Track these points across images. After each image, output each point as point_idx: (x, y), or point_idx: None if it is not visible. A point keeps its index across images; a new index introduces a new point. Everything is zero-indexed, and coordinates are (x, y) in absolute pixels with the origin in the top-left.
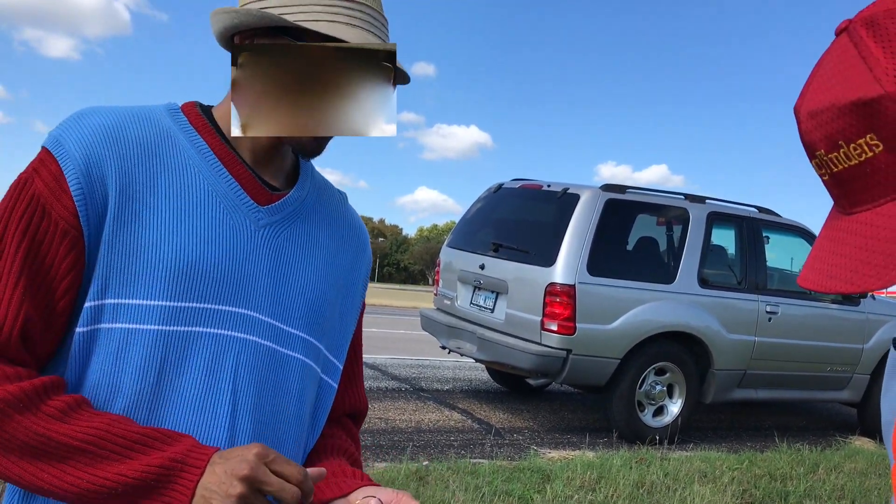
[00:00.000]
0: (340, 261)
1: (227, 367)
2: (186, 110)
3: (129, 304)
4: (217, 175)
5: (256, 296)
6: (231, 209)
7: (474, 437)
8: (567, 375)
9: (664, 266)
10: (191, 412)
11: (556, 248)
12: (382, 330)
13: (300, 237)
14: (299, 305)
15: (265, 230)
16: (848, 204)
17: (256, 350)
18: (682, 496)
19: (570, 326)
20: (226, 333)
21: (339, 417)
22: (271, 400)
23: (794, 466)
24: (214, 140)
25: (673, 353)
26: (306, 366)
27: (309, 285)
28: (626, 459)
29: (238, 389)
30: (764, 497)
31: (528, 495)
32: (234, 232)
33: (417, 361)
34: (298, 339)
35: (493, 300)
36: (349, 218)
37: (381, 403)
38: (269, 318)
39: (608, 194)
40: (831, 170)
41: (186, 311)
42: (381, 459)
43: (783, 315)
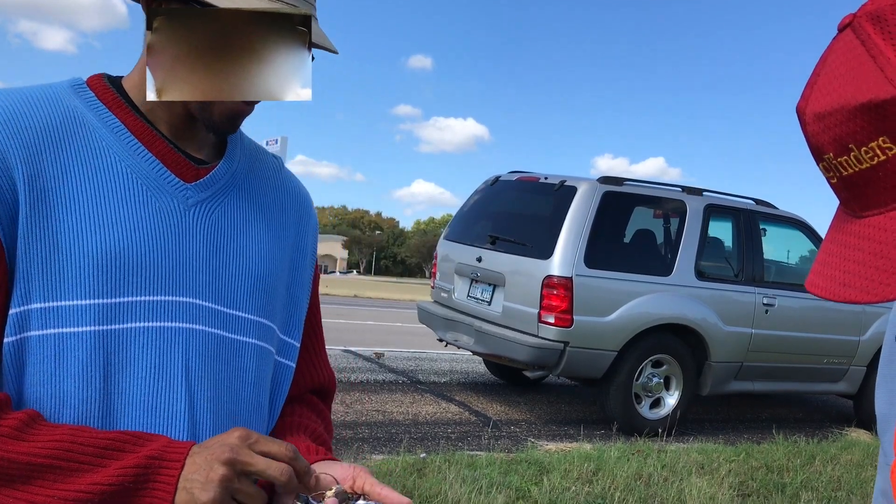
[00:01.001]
0: (284, 232)
1: (176, 361)
2: (93, 85)
3: (58, 307)
4: (135, 154)
5: (197, 281)
6: (155, 190)
7: (471, 430)
8: (564, 368)
9: (661, 258)
10: (146, 414)
11: (553, 241)
12: (379, 323)
13: (236, 212)
14: (245, 286)
15: (196, 209)
16: (859, 207)
17: (205, 340)
18: (679, 488)
19: (567, 319)
20: (170, 325)
21: (302, 395)
22: (228, 390)
23: (791, 458)
24: (128, 115)
25: (670, 345)
26: (261, 349)
27: (252, 263)
28: (623, 451)
29: (192, 384)
30: (760, 489)
31: (525, 487)
32: (162, 214)
33: (414, 354)
34: (249, 323)
35: (490, 293)
36: (288, 184)
37: (379, 395)
38: (215, 304)
39: (605, 187)
40: (840, 173)
41: (122, 307)
42: (378, 452)
43: (780, 307)
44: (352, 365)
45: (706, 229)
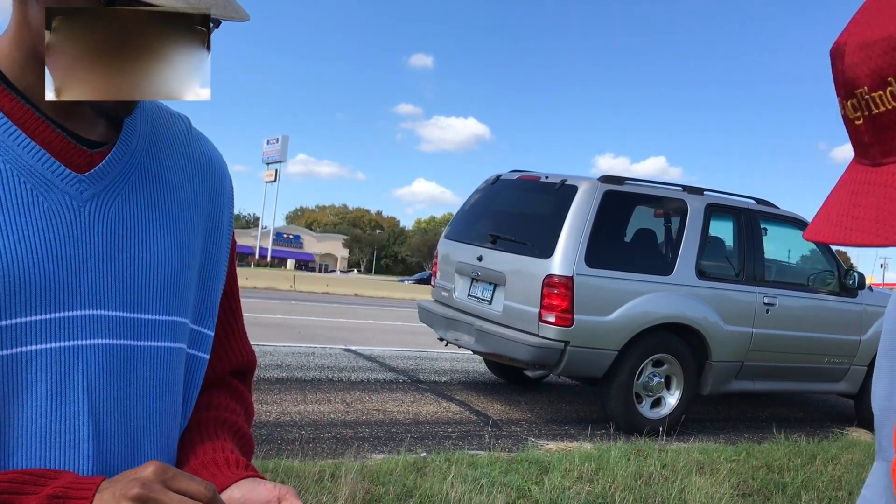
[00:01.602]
0: (197, 207)
1: (77, 383)
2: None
3: None
4: (16, 146)
5: (97, 289)
6: (43, 188)
7: (472, 429)
8: (565, 367)
9: (662, 258)
10: (45, 446)
11: (553, 240)
12: (380, 322)
13: (138, 200)
14: (153, 285)
15: (91, 204)
16: (880, 153)
17: (111, 354)
18: (680, 487)
19: (567, 318)
20: (69, 344)
21: (221, 378)
22: (139, 405)
23: (792, 458)
24: (4, 97)
25: (670, 344)
26: (174, 351)
27: (160, 257)
28: (623, 451)
29: (97, 406)
30: (761, 488)
31: (526, 487)
32: (52, 216)
33: (415, 353)
34: (159, 325)
35: (490, 292)
36: (198, 150)
37: (379, 395)
38: (119, 311)
39: (606, 186)
40: (871, 111)
41: (13, 329)
42: (378, 451)
43: (781, 307)
44: (352, 364)
45: (707, 229)
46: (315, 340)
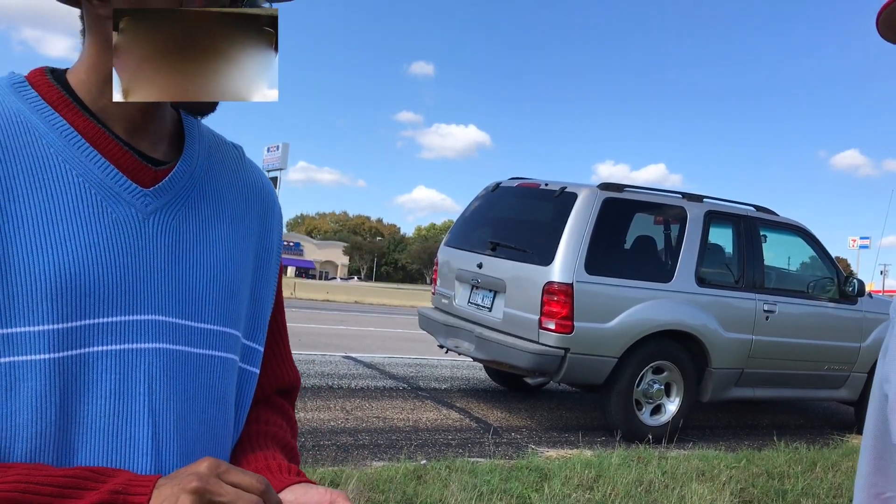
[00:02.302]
0: (248, 230)
1: (139, 384)
2: (35, 81)
3: (10, 334)
4: (87, 160)
5: (159, 296)
6: (111, 200)
7: (472, 436)
8: (565, 374)
9: (662, 265)
10: (106, 444)
11: (553, 247)
12: (380, 329)
13: (197, 216)
14: (209, 296)
15: (155, 217)
16: None
17: (170, 358)
18: (680, 494)
19: (567, 325)
20: (131, 347)
21: (268, 397)
22: (195, 410)
23: (792, 465)
24: (77, 116)
25: (670, 351)
26: (227, 361)
27: (217, 270)
28: (623, 458)
29: (156, 407)
30: (761, 495)
31: (526, 494)
32: (119, 227)
33: (415, 360)
34: (214, 335)
35: (490, 299)
36: (250, 177)
37: (379, 402)
38: (179, 319)
39: (606, 193)
40: None
41: (80, 331)
42: (378, 458)
43: (780, 314)
44: (352, 371)
45: (706, 236)
46: (315, 347)
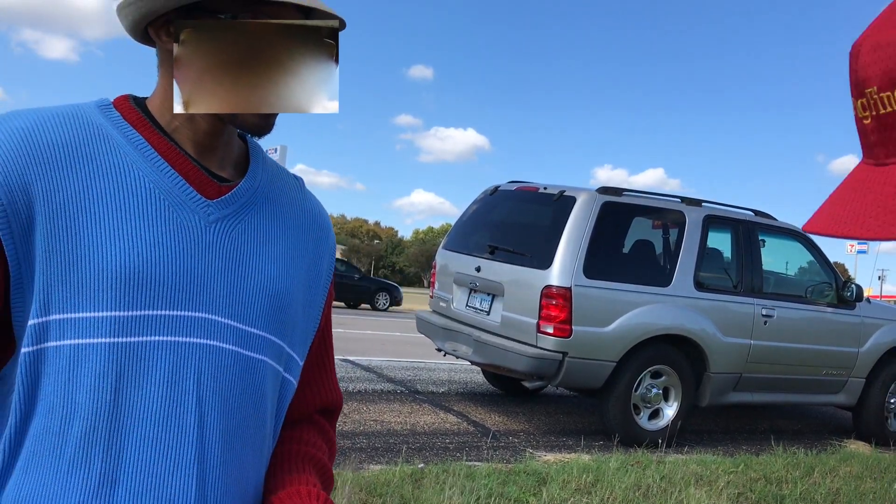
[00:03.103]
0: (301, 251)
1: (189, 376)
2: (119, 105)
3: (76, 318)
4: (158, 171)
5: (213, 297)
6: (177, 206)
7: (470, 440)
8: (563, 378)
9: (660, 269)
10: (154, 428)
11: (552, 251)
12: (378, 332)
13: (255, 230)
14: (260, 303)
15: (216, 225)
16: (884, 153)
17: (220, 355)
18: (678, 499)
19: (566, 329)
20: (185, 340)
21: (311, 414)
22: (238, 407)
23: (790, 470)
24: (152, 134)
25: (669, 356)
26: (268, 366)
27: (269, 280)
28: (621, 462)
29: (203, 399)
30: (759, 500)
31: (523, 498)
32: (183, 230)
33: (413, 364)
34: (262, 340)
35: (488, 302)
36: (307, 204)
37: (377, 405)
38: (230, 320)
39: (604, 197)
40: (878, 111)
41: (139, 320)
42: (376, 462)
43: (779, 318)
44: (350, 374)
45: (705, 240)
46: None
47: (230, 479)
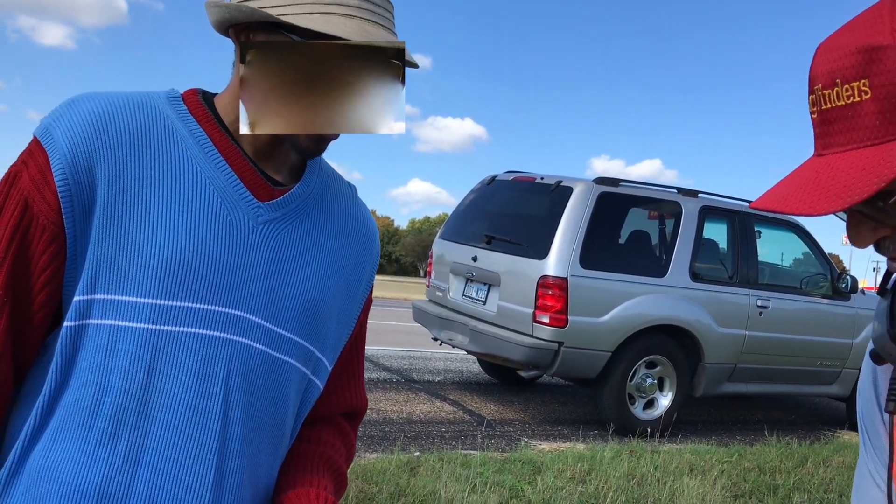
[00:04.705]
0: (344, 259)
1: (219, 370)
2: (187, 98)
3: (119, 301)
4: (216, 168)
5: (251, 296)
6: (229, 204)
7: (465, 429)
8: (558, 368)
9: (656, 260)
10: (181, 415)
11: (548, 241)
12: (373, 321)
13: (301, 235)
14: (295, 307)
15: (264, 227)
16: (822, 146)
17: (249, 353)
18: (672, 488)
19: (561, 319)
20: (218, 335)
21: (333, 417)
22: (261, 406)
23: (784, 460)
24: (215, 131)
25: (664, 346)
26: (298, 371)
27: (307, 286)
28: (616, 452)
29: (230, 394)
30: (753, 490)
31: (518, 486)
32: (231, 228)
33: (409, 353)
34: (291, 343)
35: (485, 292)
36: (357, 213)
37: (373, 394)
38: (263, 321)
39: (601, 187)
40: (822, 106)
41: (177, 311)
42: (372, 450)
43: (774, 309)
44: None
45: (701, 231)
46: None
47: (245, 475)
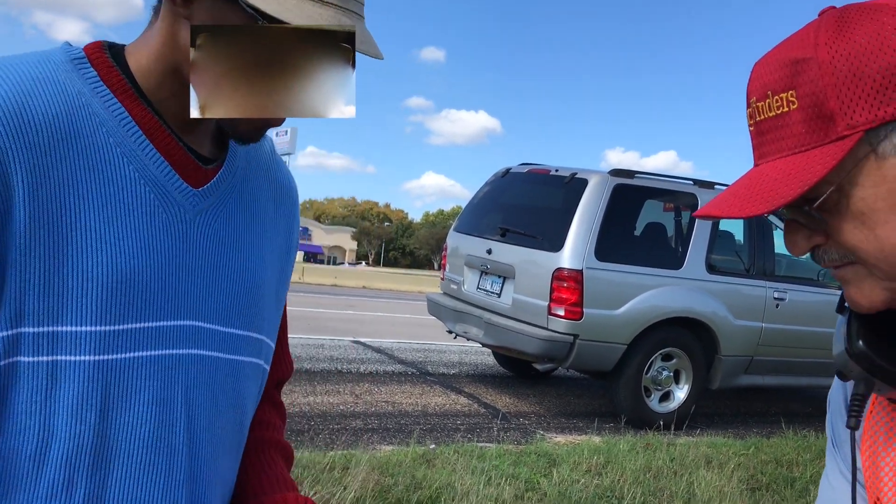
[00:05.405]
0: (275, 232)
1: (177, 392)
2: (94, 59)
3: (56, 332)
4: (143, 154)
5: (197, 301)
6: (163, 199)
7: (481, 422)
8: (574, 361)
9: (672, 252)
10: (144, 450)
11: (563, 233)
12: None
13: (234, 219)
14: (241, 300)
15: (199, 219)
16: (758, 156)
17: (204, 365)
18: (688, 481)
19: (577, 311)
20: (171, 353)
21: (269, 391)
22: (220, 415)
23: (801, 453)
24: (134, 104)
25: (680, 338)
26: (250, 365)
27: (248, 274)
28: (632, 444)
29: (192, 414)
30: (770, 483)
31: (534, 479)
32: (169, 228)
33: (424, 346)
34: (243, 340)
35: (500, 285)
36: (279, 176)
37: (388, 387)
38: (213, 324)
39: (616, 179)
40: (756, 118)
41: (125, 335)
42: (387, 442)
43: (791, 301)
44: (361, 356)
45: (717, 223)
46: (324, 332)
47: (216, 491)
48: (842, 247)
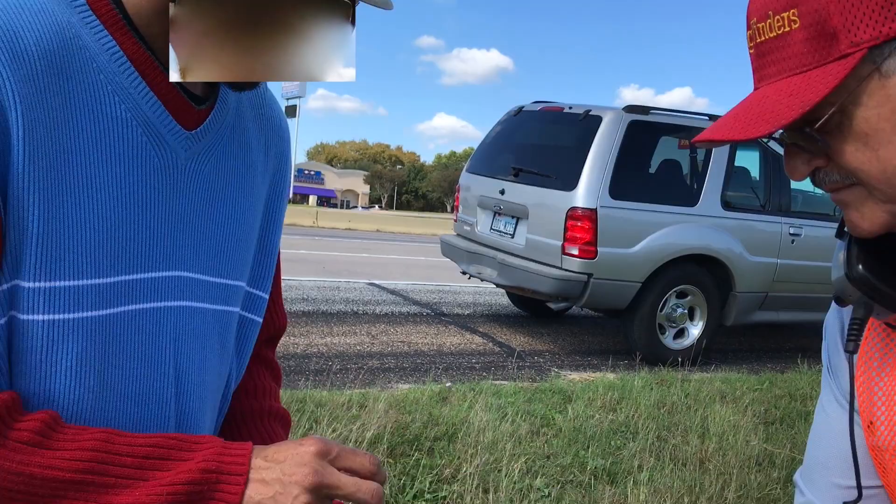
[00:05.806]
0: (264, 175)
1: (166, 344)
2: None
3: (52, 287)
4: (136, 92)
5: (186, 250)
6: (156, 142)
7: (496, 360)
8: (588, 299)
9: (687, 189)
10: (136, 407)
11: (577, 172)
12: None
13: (225, 162)
14: (226, 248)
15: (191, 164)
16: (758, 78)
17: (192, 316)
18: (702, 416)
19: (591, 251)
20: (161, 305)
21: (259, 349)
22: (206, 366)
23: (815, 387)
24: (126, 38)
25: (695, 275)
26: (233, 315)
27: (234, 220)
28: (646, 381)
29: (179, 367)
30: (784, 416)
31: (550, 415)
32: (159, 173)
33: (438, 287)
34: (228, 289)
35: (513, 225)
36: (270, 113)
37: (404, 327)
38: (201, 274)
39: (631, 116)
40: (757, 40)
41: (119, 287)
42: (405, 381)
43: (806, 237)
44: (376, 297)
45: (733, 159)
46: (339, 275)
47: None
48: (843, 169)
